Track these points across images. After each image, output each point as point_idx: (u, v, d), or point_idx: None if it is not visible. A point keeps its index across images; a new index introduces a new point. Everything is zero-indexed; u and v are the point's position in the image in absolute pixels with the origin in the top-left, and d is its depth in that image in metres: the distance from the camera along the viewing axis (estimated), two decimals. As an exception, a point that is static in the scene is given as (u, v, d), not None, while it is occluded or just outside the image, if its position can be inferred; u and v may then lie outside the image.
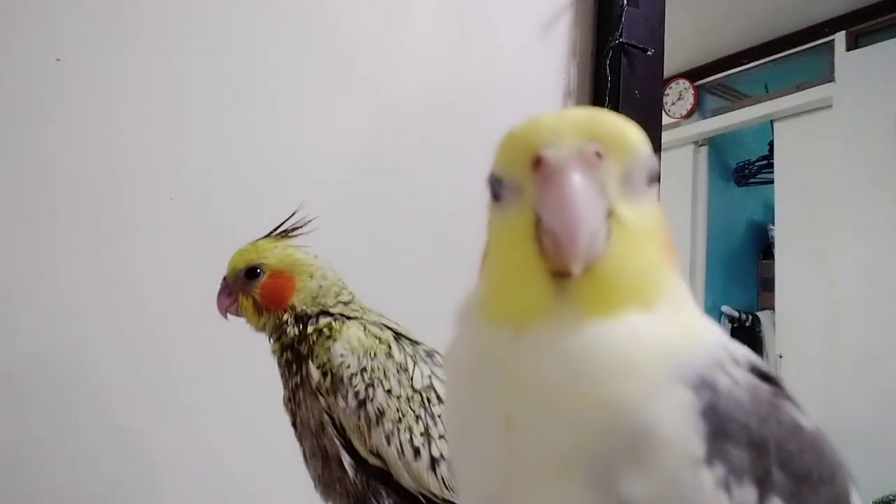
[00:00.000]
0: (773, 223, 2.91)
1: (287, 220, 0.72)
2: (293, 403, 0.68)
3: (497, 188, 0.34)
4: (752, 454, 0.30)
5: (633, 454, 0.29)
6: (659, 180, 0.35)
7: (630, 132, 0.34)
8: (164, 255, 0.94)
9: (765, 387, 0.32)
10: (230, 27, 1.02)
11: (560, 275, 0.31)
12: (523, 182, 0.33)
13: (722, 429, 0.29)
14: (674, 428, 0.29)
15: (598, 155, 0.32)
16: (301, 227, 0.72)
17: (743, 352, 0.34)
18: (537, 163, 0.32)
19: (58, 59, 0.90)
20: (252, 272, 0.69)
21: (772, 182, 2.91)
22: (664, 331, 0.31)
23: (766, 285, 3.00)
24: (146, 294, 0.92)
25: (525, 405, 0.32)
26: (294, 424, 0.69)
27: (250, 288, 0.69)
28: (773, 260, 2.89)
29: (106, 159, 0.92)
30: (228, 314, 0.71)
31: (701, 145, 3.13)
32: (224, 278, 0.71)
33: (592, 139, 0.32)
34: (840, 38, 2.63)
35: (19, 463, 0.84)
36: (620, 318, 0.31)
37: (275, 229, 0.72)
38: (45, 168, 0.88)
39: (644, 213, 0.33)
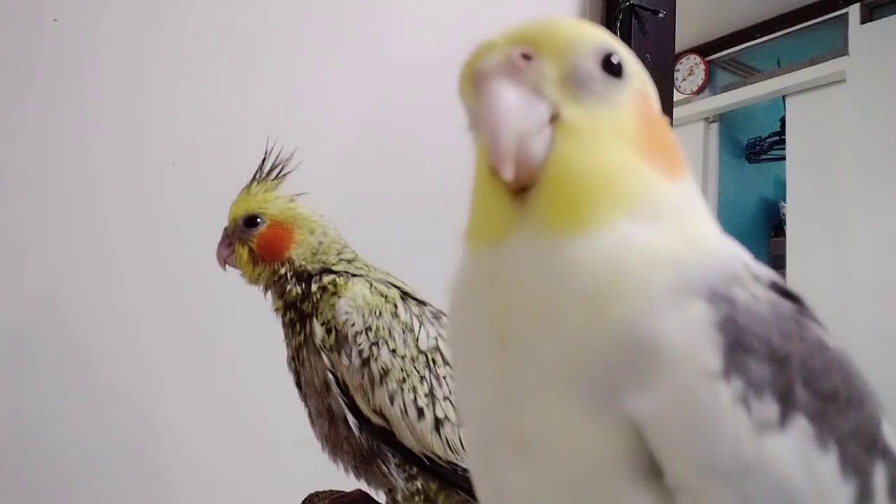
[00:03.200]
0: (785, 200, 2.87)
1: (264, 159, 0.70)
2: (297, 362, 0.66)
3: (468, 118, 0.34)
4: (774, 369, 0.28)
5: (639, 369, 0.27)
6: (621, 73, 0.32)
7: (565, 29, 0.32)
8: (167, 219, 0.93)
9: (788, 304, 0.30)
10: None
11: (517, 188, 0.30)
12: (473, 104, 0.32)
13: (740, 342, 0.27)
14: (685, 341, 0.27)
15: (526, 57, 0.31)
16: (283, 165, 0.70)
17: (765, 270, 0.31)
18: (474, 78, 0.31)
19: (55, 20, 0.88)
20: (251, 221, 0.68)
21: (784, 159, 2.86)
22: (664, 241, 0.29)
23: (777, 263, 2.96)
24: (150, 258, 0.91)
25: (515, 323, 0.30)
26: (299, 384, 0.67)
27: (248, 236, 0.68)
28: (785, 237, 2.85)
29: (106, 122, 0.90)
30: (227, 266, 0.70)
31: (712, 122, 3.08)
32: (225, 229, 0.69)
33: (521, 42, 0.31)
34: (854, 10, 2.58)
35: (24, 425, 0.84)
36: (606, 228, 0.29)
37: (258, 170, 0.70)
38: (44, 130, 0.87)
39: (605, 111, 0.31)
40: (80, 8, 0.89)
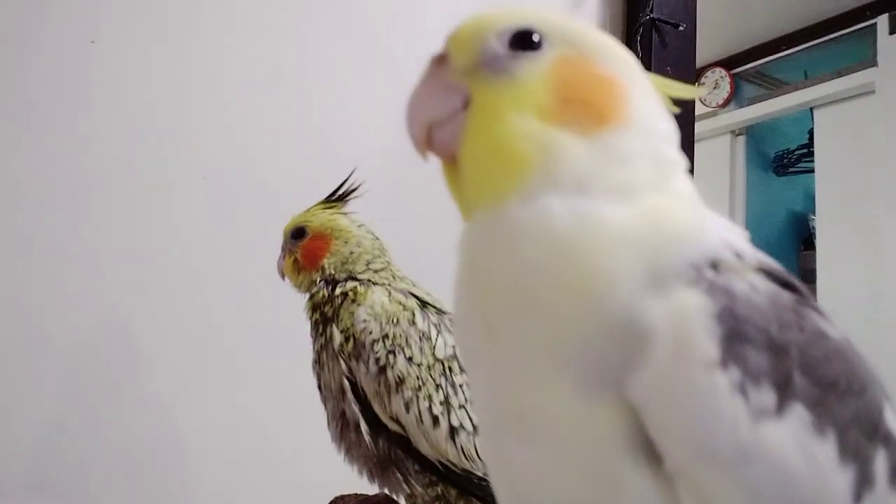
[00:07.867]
0: (814, 213, 2.84)
1: (341, 185, 0.75)
2: (318, 365, 0.69)
3: None
4: (772, 359, 0.28)
5: (629, 353, 0.28)
6: (534, 45, 0.34)
7: (470, 23, 0.35)
8: (199, 234, 0.95)
9: (787, 294, 0.31)
10: (264, 6, 1.03)
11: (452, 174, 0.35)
12: None
13: (738, 332, 0.28)
14: (680, 330, 0.28)
15: (441, 58, 0.35)
16: (352, 191, 0.75)
17: (750, 251, 0.32)
18: None
19: (92, 41, 0.92)
20: (298, 233, 0.73)
21: (812, 171, 2.83)
22: (626, 220, 0.30)
23: (807, 277, 2.92)
24: (181, 270, 0.94)
25: (495, 309, 0.31)
26: (319, 387, 0.69)
27: (295, 247, 0.73)
28: (815, 251, 2.82)
29: (140, 140, 0.94)
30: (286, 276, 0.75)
31: (738, 135, 3.06)
32: (283, 241, 0.74)
33: (443, 48, 0.36)
34: (882, 21, 2.55)
35: (68, 435, 0.87)
36: (527, 199, 0.31)
37: (331, 195, 0.75)
38: (80, 148, 0.90)
39: (510, 85, 0.33)
40: (115, 30, 0.93)
